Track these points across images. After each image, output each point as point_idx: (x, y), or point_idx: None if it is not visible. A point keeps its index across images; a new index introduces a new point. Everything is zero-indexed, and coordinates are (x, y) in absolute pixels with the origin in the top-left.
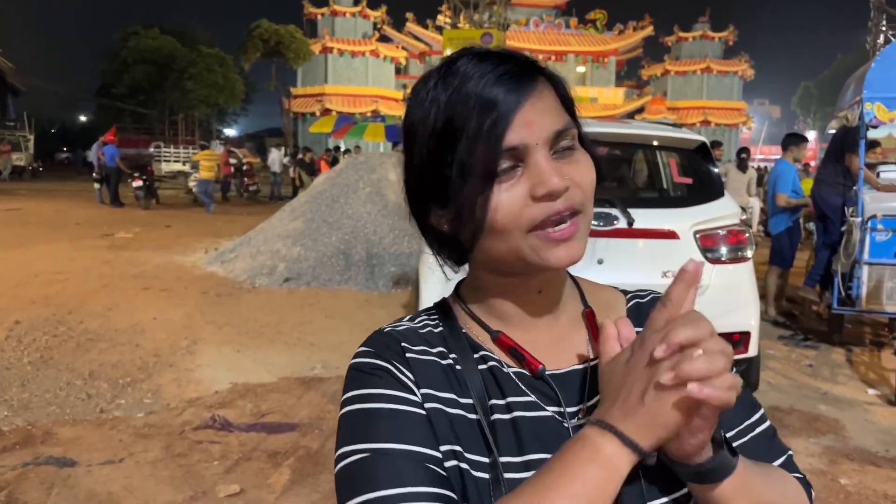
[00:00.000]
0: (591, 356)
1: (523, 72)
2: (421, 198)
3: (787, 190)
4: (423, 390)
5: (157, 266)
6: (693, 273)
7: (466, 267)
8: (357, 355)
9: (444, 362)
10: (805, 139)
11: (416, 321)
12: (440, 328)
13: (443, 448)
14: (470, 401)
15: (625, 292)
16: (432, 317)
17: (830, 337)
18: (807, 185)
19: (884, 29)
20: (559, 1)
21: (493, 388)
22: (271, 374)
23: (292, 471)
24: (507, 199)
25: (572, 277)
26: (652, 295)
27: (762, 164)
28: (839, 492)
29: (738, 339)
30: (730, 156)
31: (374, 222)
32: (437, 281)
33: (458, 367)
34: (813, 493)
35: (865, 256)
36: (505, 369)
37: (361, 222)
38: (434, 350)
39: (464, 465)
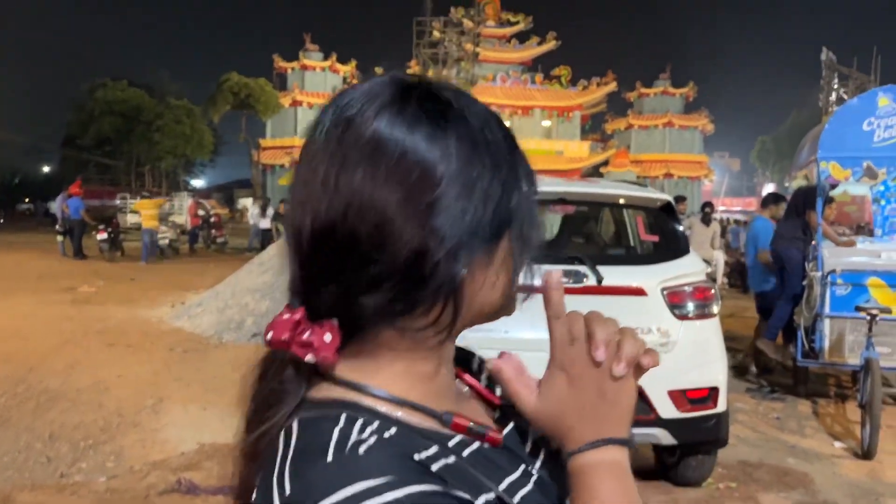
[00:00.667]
0: (494, 407)
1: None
2: None
3: (767, 246)
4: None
5: (121, 321)
6: (556, 281)
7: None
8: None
9: (444, 463)
10: (783, 198)
11: (372, 429)
12: (398, 427)
13: None
14: (491, 494)
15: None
16: (371, 426)
17: (796, 389)
18: None
19: (836, 87)
20: (525, 58)
21: (492, 475)
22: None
23: None
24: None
25: None
26: (479, 357)
27: (725, 216)
28: None
29: (706, 395)
30: (693, 208)
31: None
32: None
33: (450, 460)
34: None
35: (826, 310)
36: (474, 451)
37: None
38: (428, 451)
39: None
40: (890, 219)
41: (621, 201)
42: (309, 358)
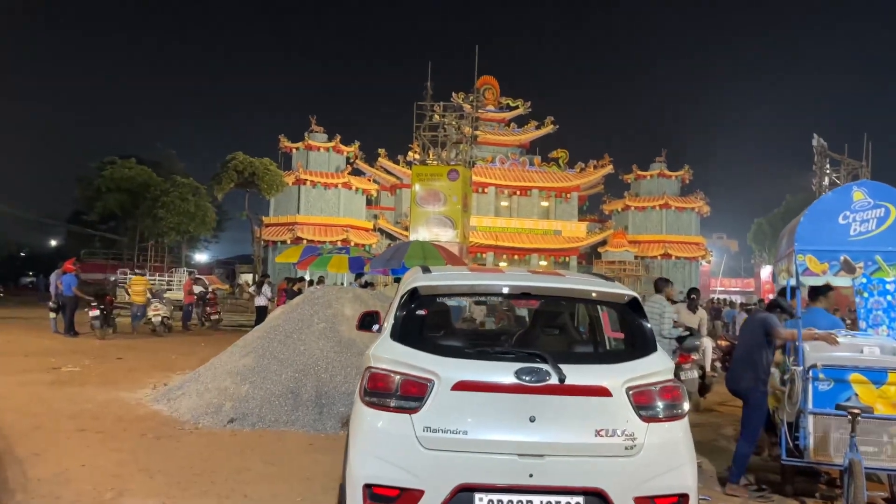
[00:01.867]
0: None
1: None
2: None
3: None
4: None
5: (99, 404)
6: None
7: None
8: None
9: None
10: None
11: None
12: None
13: None
14: None
15: None
16: None
17: (783, 488)
18: None
19: (828, 172)
20: (523, 141)
21: None
22: None
23: None
24: None
25: None
26: None
27: (722, 297)
28: None
29: (676, 502)
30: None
31: (325, 359)
32: (367, 436)
33: None
34: None
35: (809, 406)
36: None
37: (314, 359)
38: None
39: None
40: (873, 312)
41: (587, 297)
42: None
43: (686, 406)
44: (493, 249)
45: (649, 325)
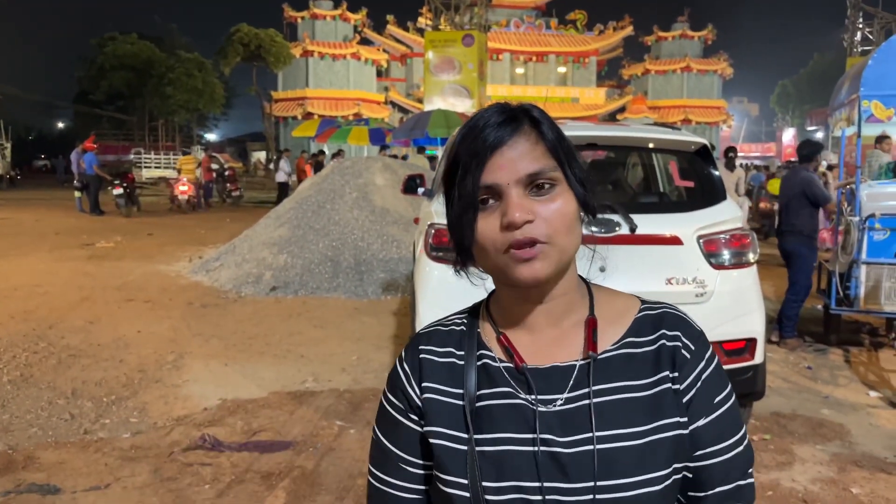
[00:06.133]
0: (581, 356)
1: (507, 120)
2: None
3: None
4: (425, 384)
5: (139, 276)
6: None
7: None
8: (387, 382)
9: (448, 360)
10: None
11: (448, 320)
12: (461, 327)
13: (431, 428)
14: (461, 390)
15: (644, 301)
16: (462, 317)
17: (827, 338)
18: (774, 185)
19: (861, 26)
20: (539, 2)
21: (484, 380)
22: (261, 389)
23: (287, 493)
24: (484, 226)
25: (588, 287)
26: (664, 308)
27: (744, 163)
28: (852, 502)
29: (743, 347)
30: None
31: (361, 228)
32: (435, 288)
33: (461, 362)
34: None
35: (863, 256)
36: (496, 364)
37: (349, 228)
38: (444, 349)
39: (446, 442)
40: None
41: (653, 145)
42: None
43: (755, 254)
44: None
45: (718, 173)
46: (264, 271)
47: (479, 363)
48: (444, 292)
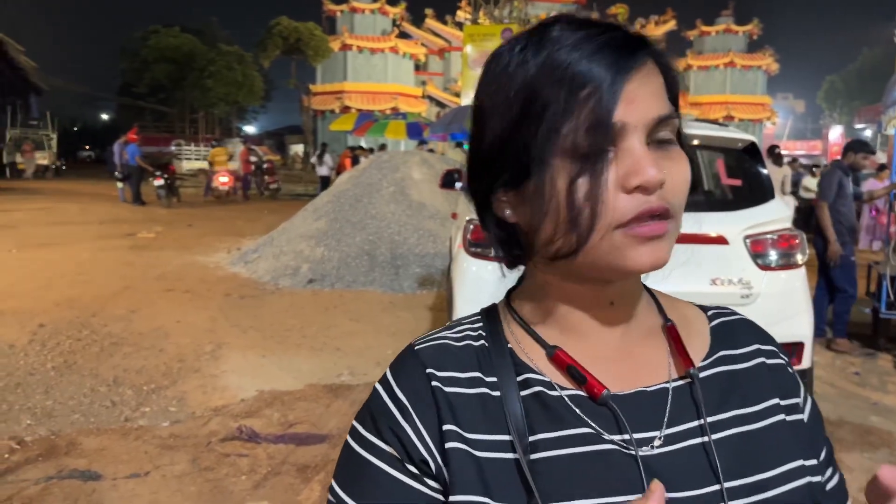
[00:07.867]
0: (673, 375)
1: (629, 45)
2: (487, 179)
3: None
4: (447, 427)
5: (179, 267)
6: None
7: (515, 271)
8: (360, 415)
9: (476, 391)
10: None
11: (456, 331)
12: (481, 341)
13: (461, 498)
14: (508, 437)
15: (703, 308)
16: (475, 326)
17: (876, 342)
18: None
19: None
20: None
21: (540, 419)
22: (298, 381)
23: (323, 487)
24: (601, 189)
25: (647, 289)
26: (739, 315)
27: (791, 157)
28: None
29: (790, 351)
30: None
31: (398, 222)
32: (472, 284)
33: (495, 392)
34: None
35: None
36: (556, 392)
37: (385, 222)
38: (466, 375)
39: None
40: None
41: (699, 142)
42: None
43: (803, 255)
44: None
45: (766, 172)
46: (301, 264)
47: (524, 392)
48: (482, 289)
